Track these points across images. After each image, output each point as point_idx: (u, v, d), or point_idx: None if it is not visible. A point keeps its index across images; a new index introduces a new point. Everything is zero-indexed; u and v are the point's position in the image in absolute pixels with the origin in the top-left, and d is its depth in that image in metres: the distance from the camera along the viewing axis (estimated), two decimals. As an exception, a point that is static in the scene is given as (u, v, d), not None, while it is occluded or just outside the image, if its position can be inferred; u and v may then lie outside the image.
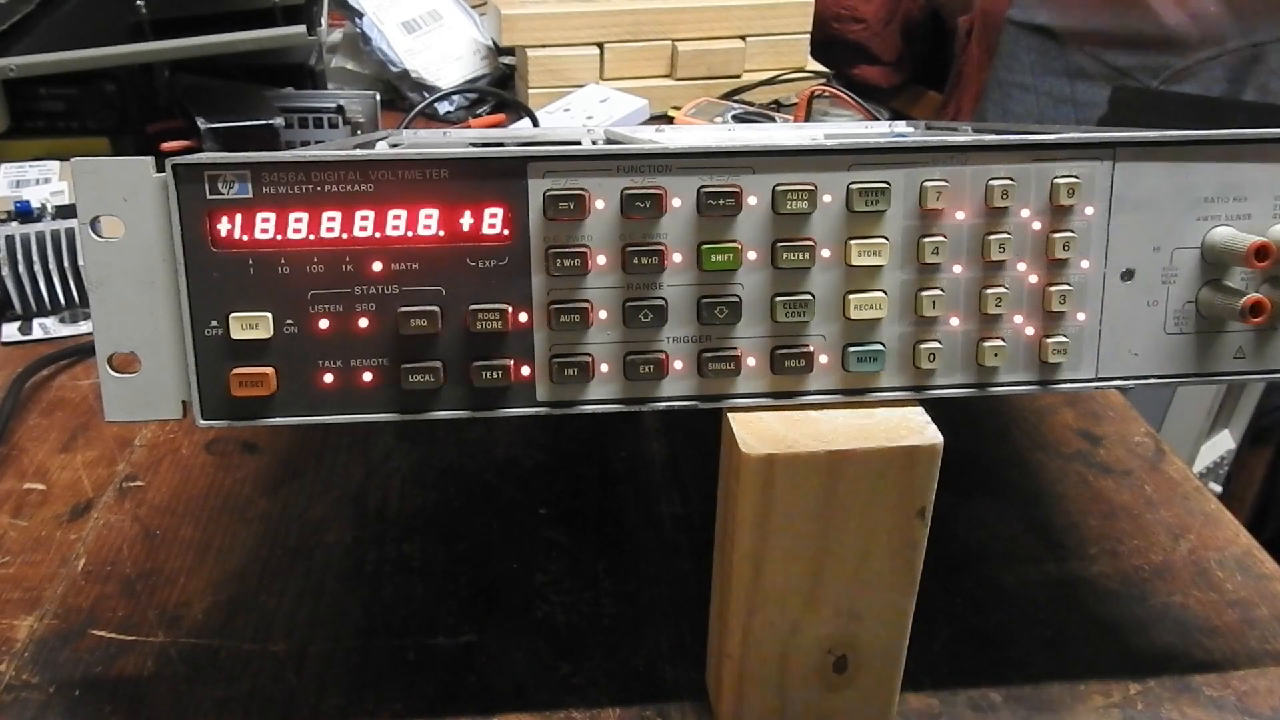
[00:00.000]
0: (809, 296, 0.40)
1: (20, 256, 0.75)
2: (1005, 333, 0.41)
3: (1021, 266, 0.40)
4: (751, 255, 0.39)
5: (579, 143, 0.57)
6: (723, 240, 0.39)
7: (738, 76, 1.22)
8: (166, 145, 0.92)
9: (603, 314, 0.39)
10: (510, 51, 1.23)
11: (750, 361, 0.40)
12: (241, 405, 0.39)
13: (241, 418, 0.39)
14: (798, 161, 0.39)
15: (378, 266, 0.38)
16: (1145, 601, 0.52)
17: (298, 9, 0.93)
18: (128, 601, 0.51)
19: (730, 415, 0.40)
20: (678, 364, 0.40)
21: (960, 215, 0.40)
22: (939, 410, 0.40)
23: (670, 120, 1.16)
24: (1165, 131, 0.40)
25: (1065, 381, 0.42)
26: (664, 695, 0.46)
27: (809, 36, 1.25)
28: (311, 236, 0.38)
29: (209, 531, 0.56)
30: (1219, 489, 1.37)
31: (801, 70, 1.24)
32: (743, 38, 1.21)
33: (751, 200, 0.39)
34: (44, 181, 0.85)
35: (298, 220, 0.38)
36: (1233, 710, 0.46)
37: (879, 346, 0.40)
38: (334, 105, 1.00)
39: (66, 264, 0.76)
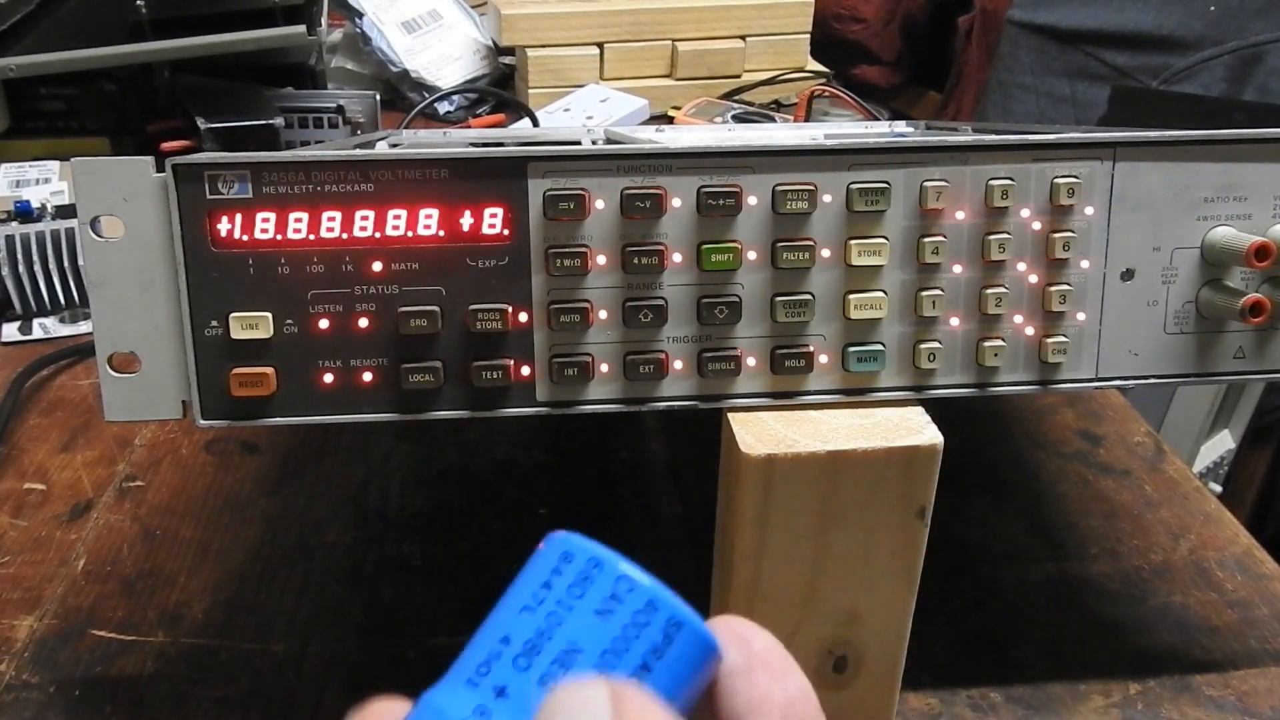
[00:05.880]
0: (809, 296, 0.40)
1: (20, 256, 0.75)
2: (1005, 333, 0.41)
3: (1021, 266, 0.40)
4: (751, 255, 0.39)
5: (579, 143, 0.57)
6: (723, 240, 0.39)
7: (738, 76, 1.22)
8: (166, 145, 0.92)
9: (603, 314, 0.39)
10: (510, 51, 1.23)
11: (750, 361, 0.40)
12: (241, 405, 0.39)
13: (241, 418, 0.39)
14: (798, 161, 0.39)
15: (378, 266, 0.38)
16: (1145, 601, 0.52)
17: (298, 9, 0.93)
18: (128, 601, 0.51)
19: (730, 415, 0.40)
20: (678, 364, 0.40)
21: (960, 215, 0.40)
22: (939, 410, 0.40)
23: (670, 120, 1.16)
24: (1165, 131, 0.40)
25: (1065, 381, 0.42)
26: (664, 695, 0.46)
27: (809, 36, 1.25)
28: (311, 236, 0.38)
29: (209, 531, 0.56)
30: (1219, 489, 1.36)
31: (801, 70, 1.24)
32: (743, 38, 1.21)
33: (751, 200, 0.39)
34: (44, 181, 0.85)
35: (298, 220, 0.38)
36: (1233, 710, 0.46)
37: (879, 346, 0.40)
38: (334, 105, 1.00)
39: (66, 264, 0.76)
